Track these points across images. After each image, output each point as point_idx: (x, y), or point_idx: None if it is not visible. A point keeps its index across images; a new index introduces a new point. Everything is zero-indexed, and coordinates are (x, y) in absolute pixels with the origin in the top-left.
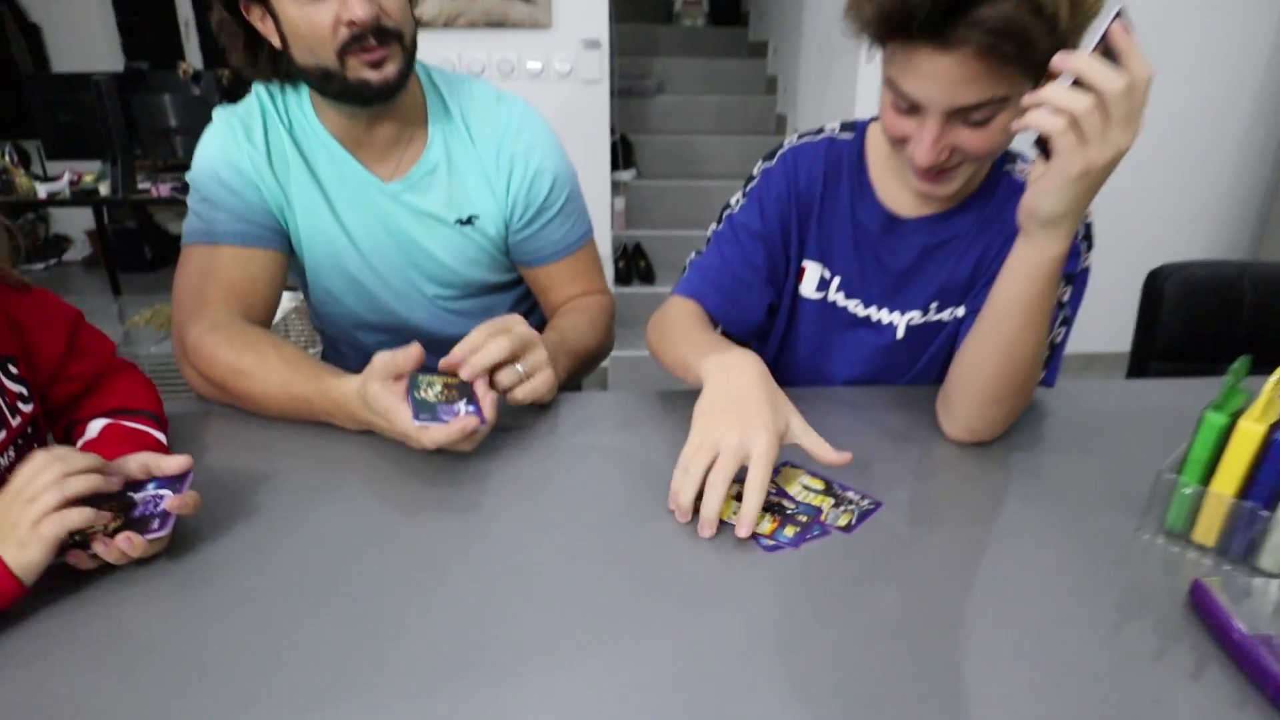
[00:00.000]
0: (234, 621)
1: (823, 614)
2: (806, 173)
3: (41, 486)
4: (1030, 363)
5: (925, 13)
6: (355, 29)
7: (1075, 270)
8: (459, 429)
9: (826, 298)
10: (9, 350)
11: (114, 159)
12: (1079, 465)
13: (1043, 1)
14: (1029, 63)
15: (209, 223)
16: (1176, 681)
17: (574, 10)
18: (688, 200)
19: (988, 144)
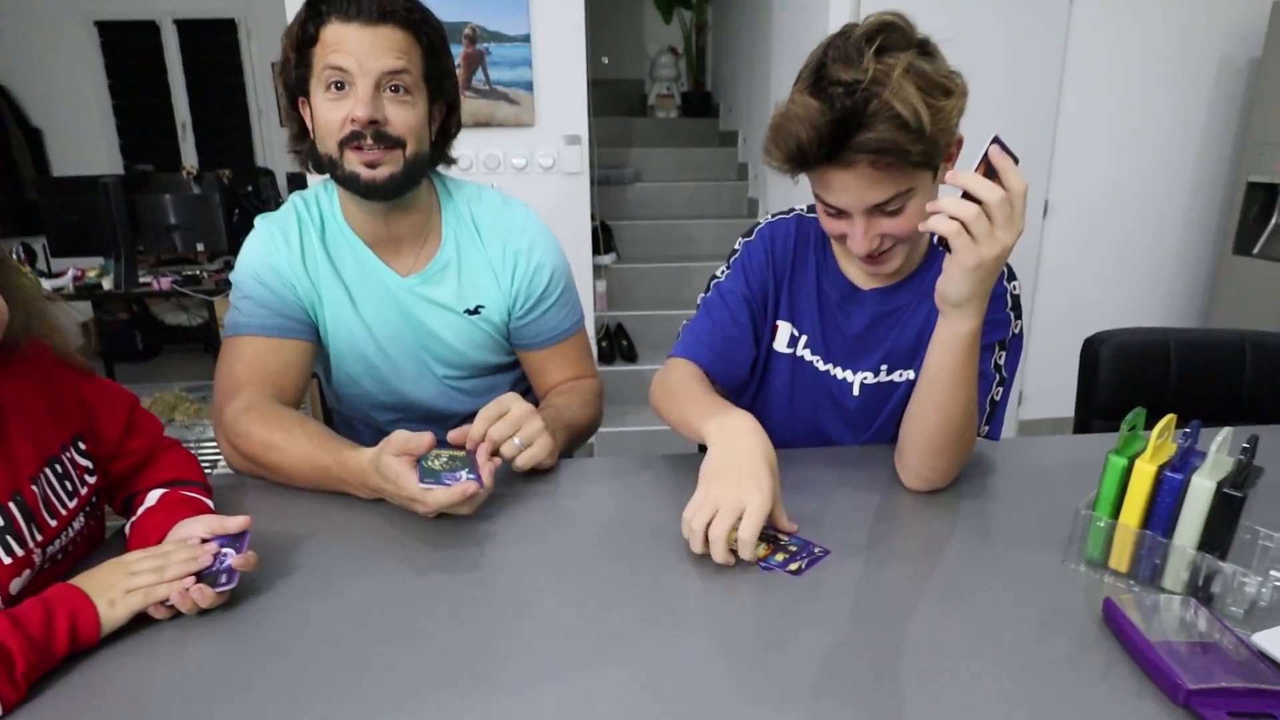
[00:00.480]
0: (279, 659)
1: (780, 640)
2: (780, 244)
3: (144, 568)
4: (962, 418)
5: (815, 152)
6: (355, 126)
7: (1007, 337)
8: (459, 492)
9: (796, 353)
10: (79, 429)
11: (118, 255)
12: (1017, 509)
13: (907, 119)
14: (916, 163)
15: (249, 317)
16: (1090, 680)
17: (556, 110)
18: (666, 281)
19: (909, 226)
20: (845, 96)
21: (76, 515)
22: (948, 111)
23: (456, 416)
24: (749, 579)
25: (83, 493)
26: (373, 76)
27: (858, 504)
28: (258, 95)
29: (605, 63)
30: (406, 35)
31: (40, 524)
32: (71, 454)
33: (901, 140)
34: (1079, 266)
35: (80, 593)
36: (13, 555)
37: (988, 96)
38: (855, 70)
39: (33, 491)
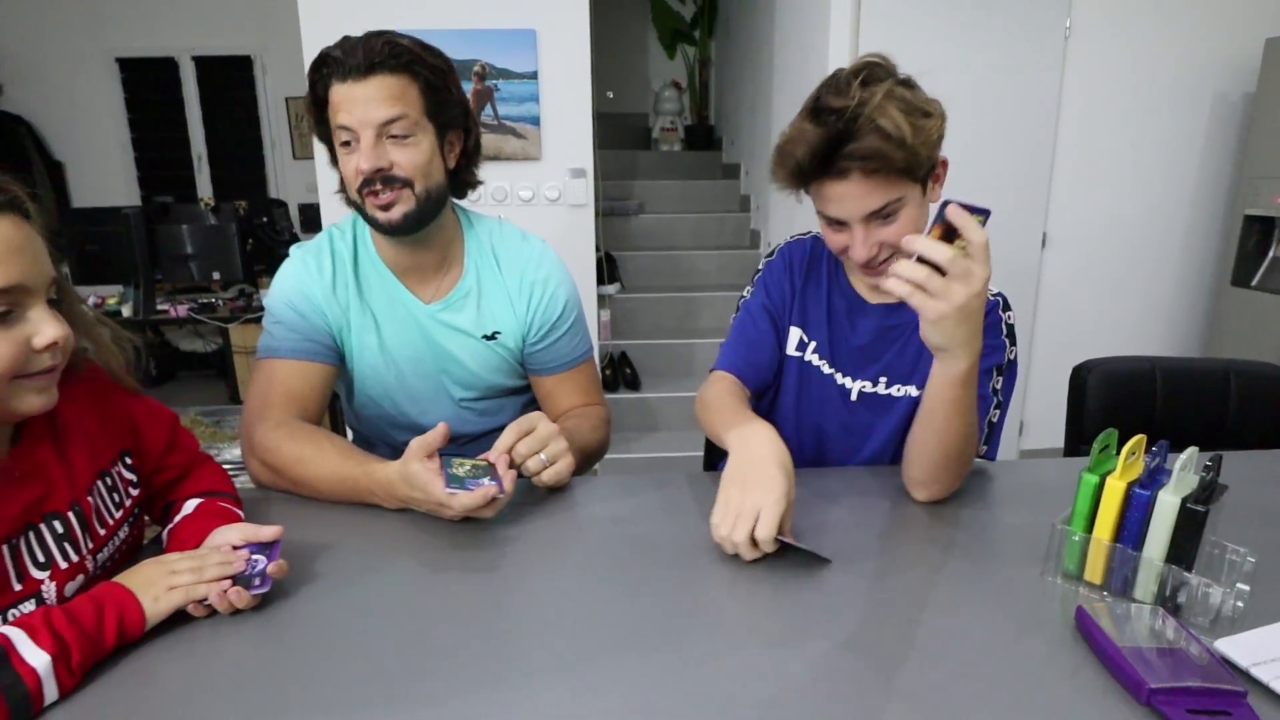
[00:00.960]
0: (306, 656)
1: (778, 641)
2: (797, 258)
3: (184, 568)
4: (960, 442)
5: (811, 164)
6: (364, 175)
7: (1003, 362)
8: (481, 496)
9: (804, 357)
10: (127, 445)
11: (137, 283)
12: (1002, 526)
13: (889, 130)
14: (903, 172)
15: (280, 341)
16: (1060, 680)
17: (561, 144)
18: (669, 311)
19: (903, 233)
20: (836, 120)
21: (122, 525)
22: (928, 129)
23: (468, 437)
24: (754, 588)
25: (127, 504)
26: (372, 128)
27: (858, 520)
28: (271, 128)
29: (610, 97)
30: (399, 79)
31: (92, 533)
32: (119, 468)
33: (886, 148)
34: (1077, 298)
35: (126, 590)
36: (69, 561)
37: (985, 128)
38: (844, 98)
39: (89, 502)
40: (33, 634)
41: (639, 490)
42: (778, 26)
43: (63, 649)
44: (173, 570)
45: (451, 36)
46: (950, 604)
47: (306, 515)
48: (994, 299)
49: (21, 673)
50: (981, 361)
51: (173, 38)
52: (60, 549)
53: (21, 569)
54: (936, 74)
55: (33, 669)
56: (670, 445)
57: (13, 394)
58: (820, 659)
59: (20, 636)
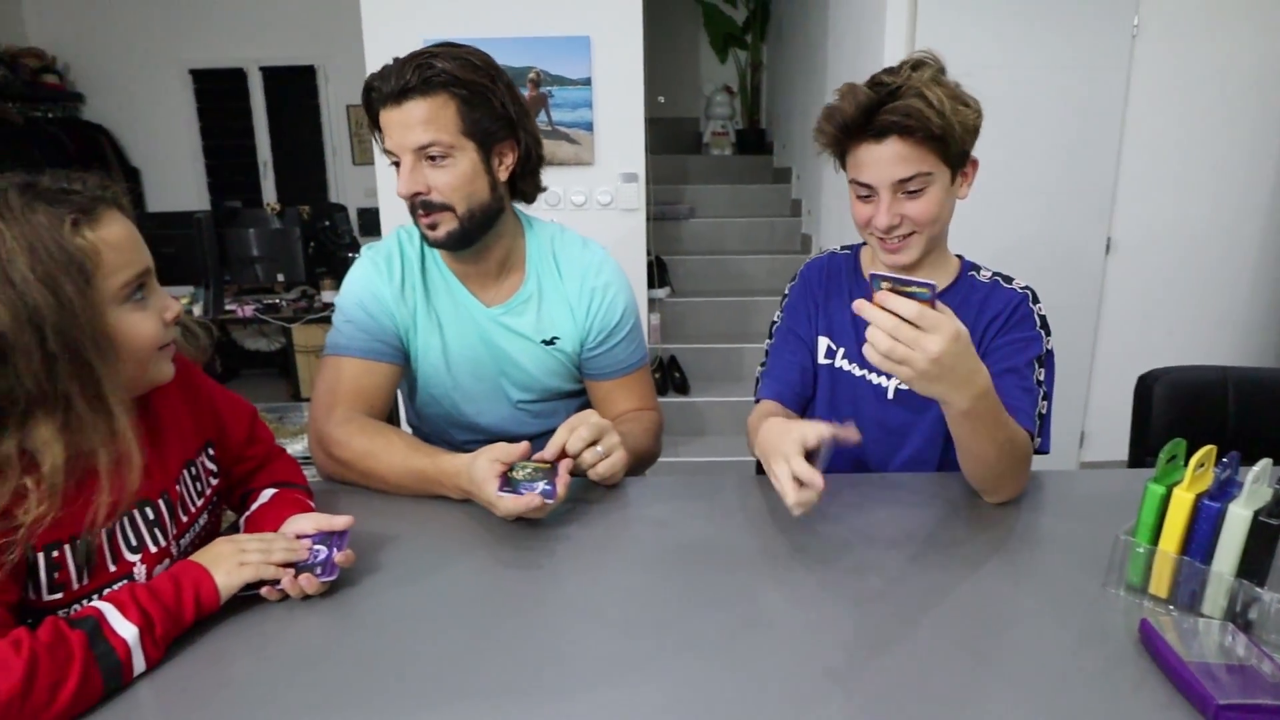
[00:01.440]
0: (370, 637)
1: (835, 653)
2: (816, 276)
3: (253, 547)
4: (999, 459)
5: (856, 119)
6: (405, 198)
7: (1042, 353)
8: (525, 504)
9: (834, 364)
10: (210, 436)
11: (207, 284)
12: (1063, 535)
13: (930, 99)
14: (937, 144)
15: (349, 339)
16: (1121, 693)
17: (614, 149)
18: (719, 315)
19: (927, 212)
20: (884, 88)
21: (203, 513)
22: (965, 114)
23: (524, 437)
24: (805, 593)
25: (207, 493)
26: (410, 152)
27: (909, 528)
28: (332, 135)
29: (661, 102)
30: (433, 101)
31: (177, 520)
32: (203, 458)
33: (925, 110)
34: (1143, 306)
35: (200, 567)
36: (158, 545)
37: (1047, 130)
38: (895, 76)
39: (176, 490)
40: (121, 608)
41: (691, 493)
42: (831, 29)
43: (148, 622)
44: (243, 549)
45: (508, 44)
46: (1009, 614)
47: (373, 508)
48: (1021, 293)
49: (113, 643)
50: (1021, 354)
51: (242, 49)
52: (151, 534)
53: (116, 551)
54: (995, 74)
55: (123, 640)
56: (718, 450)
57: (153, 366)
58: (874, 668)
59: (110, 610)
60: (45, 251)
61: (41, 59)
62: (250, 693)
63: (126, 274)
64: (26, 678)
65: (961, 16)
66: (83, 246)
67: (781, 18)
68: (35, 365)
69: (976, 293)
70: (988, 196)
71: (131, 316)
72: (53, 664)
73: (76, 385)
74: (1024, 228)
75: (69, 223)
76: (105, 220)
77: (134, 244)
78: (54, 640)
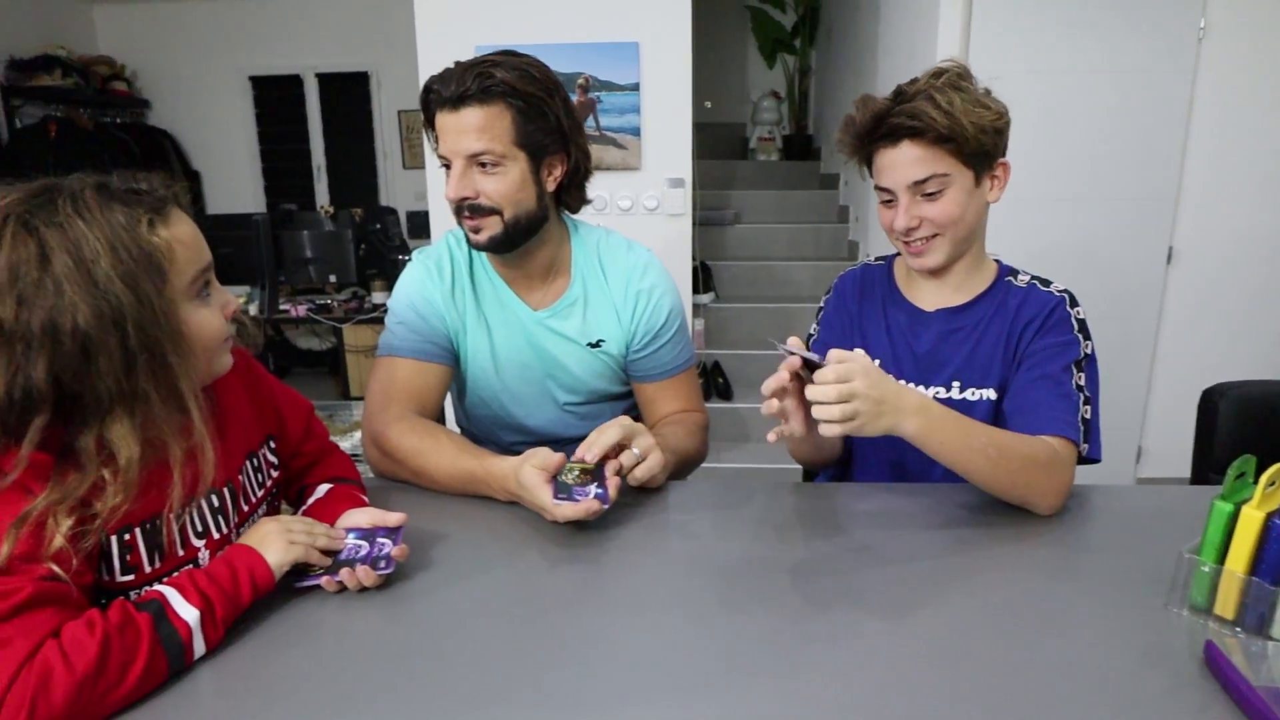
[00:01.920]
0: (420, 632)
1: (886, 669)
2: (849, 288)
3: (299, 528)
4: (992, 464)
5: (867, 124)
6: (453, 202)
7: (1080, 358)
8: (584, 509)
9: None
10: (271, 430)
11: (263, 284)
12: (1122, 552)
13: (940, 102)
14: (948, 144)
15: (401, 340)
16: (1185, 716)
17: (661, 154)
18: (764, 321)
19: (946, 213)
20: (899, 95)
21: (263, 503)
22: (981, 115)
23: (570, 439)
24: (855, 602)
25: (268, 484)
26: (462, 158)
27: (962, 541)
28: (384, 140)
29: (708, 107)
30: (489, 110)
31: (238, 509)
32: (264, 450)
33: (932, 113)
34: (1205, 318)
35: (251, 549)
36: (220, 533)
37: (1106, 134)
38: (912, 84)
39: (239, 480)
40: (183, 592)
41: (733, 500)
42: (882, 34)
43: (208, 605)
44: (289, 528)
45: (558, 50)
46: (1067, 633)
47: (425, 506)
48: (1059, 295)
49: (176, 625)
50: (1058, 359)
51: (299, 57)
52: (215, 521)
53: (185, 537)
54: (1052, 78)
55: (185, 622)
56: (761, 457)
57: (217, 358)
58: (923, 685)
59: (173, 593)
60: (125, 251)
61: (111, 66)
62: (303, 681)
63: (193, 270)
64: (100, 657)
65: (1018, 20)
66: (158, 245)
67: (831, 22)
68: (116, 364)
69: (1012, 297)
70: (1041, 203)
71: (200, 312)
72: (123, 645)
73: (153, 382)
74: (1079, 235)
75: (145, 221)
76: (174, 219)
77: (198, 241)
78: (123, 621)
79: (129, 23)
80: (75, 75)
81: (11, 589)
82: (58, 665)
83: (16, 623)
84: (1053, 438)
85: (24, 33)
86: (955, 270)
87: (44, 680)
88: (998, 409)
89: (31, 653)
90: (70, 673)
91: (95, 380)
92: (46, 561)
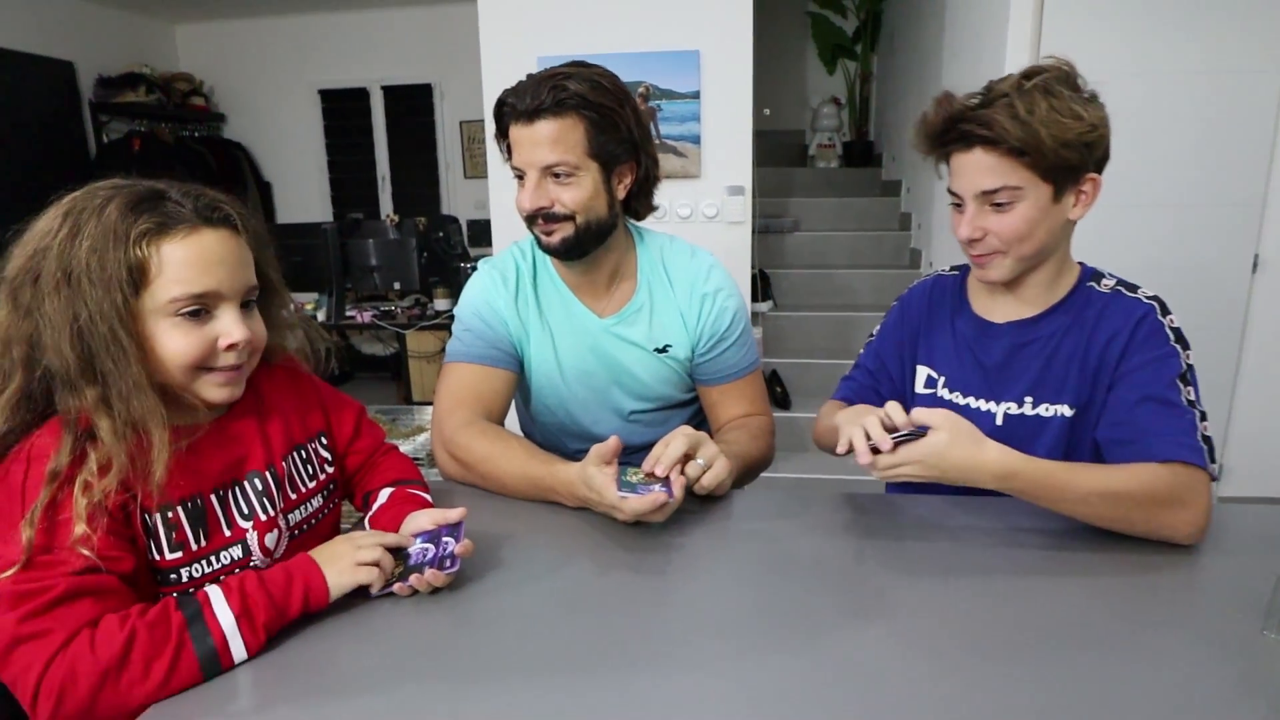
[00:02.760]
0: (492, 631)
1: (968, 681)
2: (916, 301)
3: (368, 545)
4: (1098, 512)
5: (937, 126)
6: (528, 212)
7: (1184, 370)
8: (651, 501)
9: (936, 393)
10: (321, 428)
11: (331, 291)
12: (1215, 574)
13: (1017, 110)
14: (1021, 157)
15: (468, 346)
16: None
17: (720, 162)
18: (822, 330)
19: (1012, 229)
20: (982, 96)
21: (315, 494)
22: (1067, 127)
23: (635, 448)
24: (931, 619)
25: (321, 478)
26: (537, 169)
27: (1038, 555)
28: (446, 150)
29: (766, 114)
30: (564, 122)
31: (284, 494)
32: (316, 446)
33: (1006, 123)
34: None
35: (314, 564)
36: (267, 514)
37: (1185, 139)
38: (999, 83)
39: (282, 467)
40: (226, 594)
41: (793, 509)
42: (947, 38)
43: (246, 609)
44: (359, 546)
45: (619, 59)
46: (1158, 658)
47: (490, 508)
48: (1147, 304)
49: (210, 627)
50: (1159, 376)
51: (365, 70)
52: (260, 503)
53: (230, 517)
54: (1127, 82)
55: (220, 626)
56: (819, 467)
57: (196, 383)
58: (1003, 708)
59: (216, 595)
60: (101, 256)
61: (190, 83)
62: (361, 681)
63: (179, 291)
64: (124, 650)
65: (1092, 22)
66: (139, 259)
67: (893, 27)
68: (73, 346)
69: (1091, 307)
70: (1116, 210)
71: (171, 332)
72: (150, 641)
73: (112, 371)
74: (1156, 243)
75: (139, 234)
76: (180, 237)
77: (202, 266)
78: (157, 619)
79: (207, 41)
80: (158, 92)
81: (48, 584)
82: (85, 655)
83: (55, 615)
84: (1173, 464)
85: (112, 52)
86: (1029, 282)
87: (72, 669)
88: (1073, 426)
89: (65, 643)
90: (95, 663)
91: (55, 354)
92: (77, 547)
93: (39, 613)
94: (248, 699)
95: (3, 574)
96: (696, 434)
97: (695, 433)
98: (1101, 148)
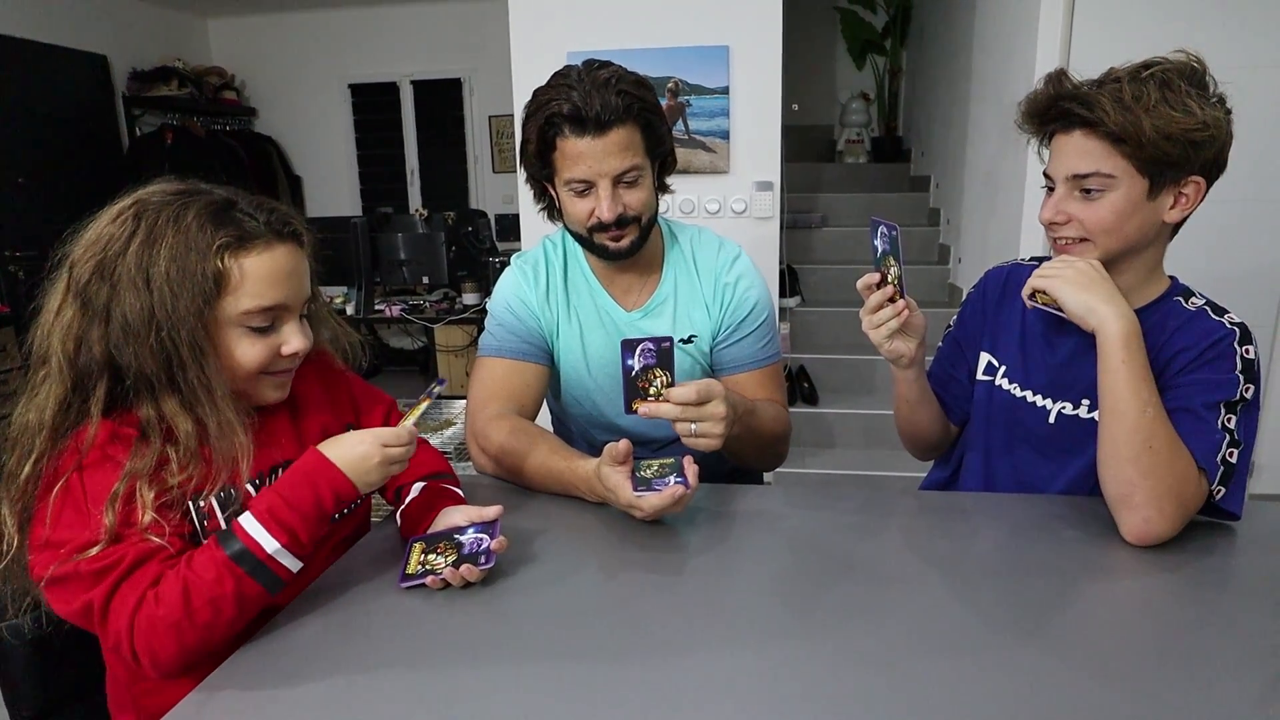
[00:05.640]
0: (521, 624)
1: (998, 679)
2: (993, 286)
3: (398, 450)
4: (1131, 434)
5: (1039, 103)
6: (605, 222)
7: (1235, 399)
8: (669, 495)
9: (994, 381)
10: (351, 420)
11: (360, 284)
12: (1251, 571)
13: (1124, 96)
14: (1120, 145)
15: (500, 341)
16: None
17: (749, 157)
18: (850, 325)
19: (1097, 218)
20: (1102, 77)
21: None
22: (1175, 120)
23: (660, 442)
24: (962, 616)
25: None
26: (610, 179)
27: (1075, 554)
28: (475, 145)
29: (795, 109)
30: (631, 128)
31: None
32: None
33: (1108, 106)
34: None
35: (336, 470)
36: None
37: (1250, 124)
38: (1116, 69)
39: None
40: (264, 524)
41: (805, 498)
42: (978, 33)
43: (283, 524)
44: (385, 443)
45: (649, 55)
46: (1189, 656)
47: (522, 506)
48: (1229, 329)
49: (255, 552)
50: (1205, 395)
51: (395, 64)
52: None
53: None
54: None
55: (264, 550)
56: (846, 463)
57: (258, 386)
58: (1036, 710)
59: (255, 528)
60: (184, 265)
61: (222, 76)
62: (407, 671)
63: (251, 303)
64: (184, 601)
65: (1123, 19)
66: (219, 270)
67: (923, 23)
68: (153, 353)
69: (1173, 319)
70: None
71: (241, 342)
72: (207, 585)
73: (187, 376)
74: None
75: (220, 246)
76: (258, 252)
77: (274, 280)
78: (205, 564)
79: (239, 35)
80: (190, 85)
81: (119, 556)
82: (154, 613)
83: (130, 582)
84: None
85: (145, 46)
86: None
87: (150, 627)
88: None
89: (138, 605)
90: (167, 617)
91: (136, 362)
92: (143, 531)
93: (118, 583)
94: (277, 686)
95: (79, 555)
96: (709, 385)
97: (708, 384)
98: (1211, 150)
